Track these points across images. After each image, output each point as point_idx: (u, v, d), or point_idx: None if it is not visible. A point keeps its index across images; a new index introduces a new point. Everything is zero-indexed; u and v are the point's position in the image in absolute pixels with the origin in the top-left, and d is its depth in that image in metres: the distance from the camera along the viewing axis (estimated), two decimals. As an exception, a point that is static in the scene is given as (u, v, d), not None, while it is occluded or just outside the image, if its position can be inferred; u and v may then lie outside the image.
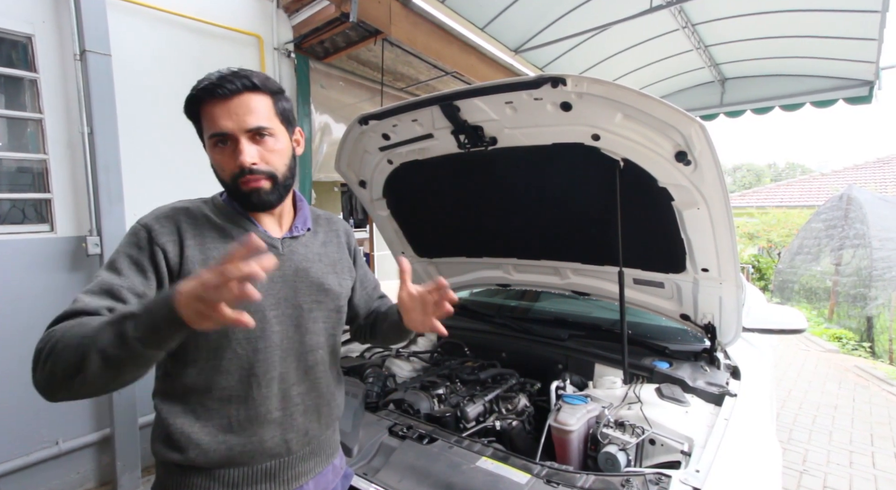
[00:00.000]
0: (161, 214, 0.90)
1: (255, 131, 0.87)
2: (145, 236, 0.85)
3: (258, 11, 3.18)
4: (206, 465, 0.88)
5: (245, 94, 0.86)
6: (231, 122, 0.85)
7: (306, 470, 0.99)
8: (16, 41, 2.26)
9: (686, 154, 1.33)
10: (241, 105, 0.85)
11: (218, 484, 0.89)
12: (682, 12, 4.19)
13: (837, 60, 4.56)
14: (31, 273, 2.29)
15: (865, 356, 6.08)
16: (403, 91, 4.71)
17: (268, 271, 0.62)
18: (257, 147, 0.88)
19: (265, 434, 0.92)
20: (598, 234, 1.75)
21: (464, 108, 1.51)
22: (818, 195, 14.09)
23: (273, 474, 0.93)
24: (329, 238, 1.09)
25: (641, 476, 1.11)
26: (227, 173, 0.89)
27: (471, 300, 2.73)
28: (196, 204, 0.95)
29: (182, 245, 0.87)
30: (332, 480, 1.07)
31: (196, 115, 0.90)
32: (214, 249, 0.89)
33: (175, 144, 2.77)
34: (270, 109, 0.90)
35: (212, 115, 0.86)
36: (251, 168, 0.86)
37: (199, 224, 0.91)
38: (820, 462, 2.96)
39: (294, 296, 0.96)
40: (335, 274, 1.06)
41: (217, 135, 0.86)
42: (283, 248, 0.97)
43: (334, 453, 1.09)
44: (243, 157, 0.85)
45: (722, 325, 1.75)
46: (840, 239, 7.92)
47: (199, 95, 0.87)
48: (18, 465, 2.27)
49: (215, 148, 0.89)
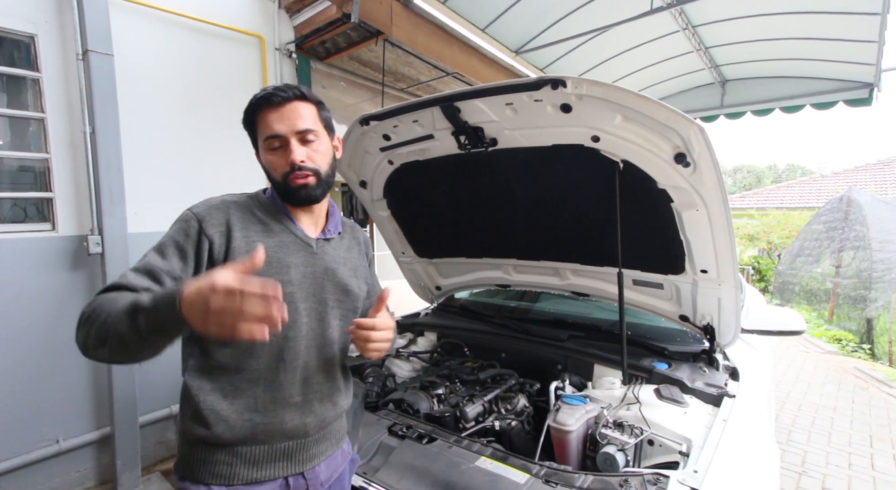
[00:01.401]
0: (213, 206, 0.99)
1: (303, 133, 0.98)
2: (196, 226, 0.94)
3: (260, 12, 3.19)
4: (230, 442, 0.95)
5: (295, 101, 0.98)
6: (283, 125, 0.96)
7: (319, 452, 1.06)
8: (18, 41, 2.27)
9: (685, 156, 1.34)
10: (292, 111, 0.97)
11: (239, 460, 0.96)
12: (683, 14, 4.19)
13: (838, 62, 4.56)
14: (33, 272, 2.30)
15: (865, 358, 6.08)
16: (404, 91, 4.72)
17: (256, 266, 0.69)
18: (305, 148, 0.98)
19: (286, 416, 0.99)
20: (598, 236, 1.75)
21: (464, 109, 1.52)
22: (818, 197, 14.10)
23: (290, 454, 1.00)
24: (352, 244, 1.18)
25: (640, 476, 1.12)
26: (279, 172, 0.99)
27: (471, 301, 2.74)
28: (242, 198, 1.04)
29: (230, 236, 0.95)
30: (342, 463, 1.15)
31: (252, 124, 1.01)
32: (258, 243, 0.97)
33: (177, 143, 2.77)
34: (315, 116, 1.01)
35: (267, 120, 0.97)
36: (300, 165, 0.97)
37: (246, 217, 1.00)
38: (819, 463, 2.96)
39: (321, 292, 1.05)
40: (356, 278, 1.14)
41: (272, 136, 0.97)
42: (316, 248, 1.06)
43: (342, 438, 1.17)
44: (294, 156, 0.96)
45: (721, 327, 1.76)
46: (840, 241, 7.92)
47: (257, 104, 0.98)
48: (18, 464, 2.27)
49: (269, 150, 0.99)
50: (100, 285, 2.46)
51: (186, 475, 0.97)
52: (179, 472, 1.00)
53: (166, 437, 2.85)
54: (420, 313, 2.59)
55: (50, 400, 2.38)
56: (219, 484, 0.95)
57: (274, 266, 0.97)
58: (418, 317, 2.53)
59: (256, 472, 0.96)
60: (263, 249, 0.71)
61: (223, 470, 0.95)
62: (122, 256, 2.45)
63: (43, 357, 2.35)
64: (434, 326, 2.34)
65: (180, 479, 0.99)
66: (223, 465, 0.95)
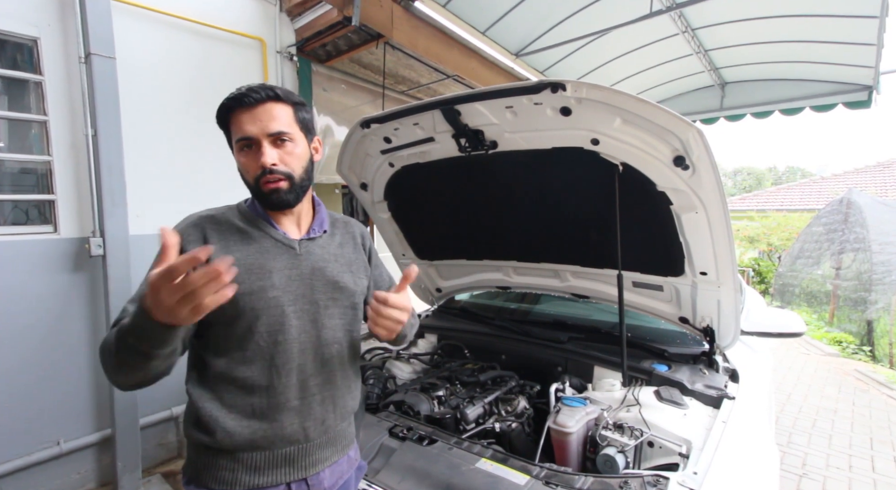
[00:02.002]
0: (191, 223, 0.99)
1: (276, 136, 0.96)
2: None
3: (261, 15, 3.21)
4: (231, 448, 0.96)
5: (268, 102, 0.96)
6: (255, 126, 0.94)
7: (323, 458, 1.05)
8: (21, 44, 2.28)
9: (684, 159, 1.34)
10: (264, 112, 0.95)
11: (241, 466, 0.97)
12: (682, 17, 4.21)
13: (837, 65, 4.57)
14: (34, 274, 2.30)
15: (865, 360, 6.08)
16: (405, 94, 4.73)
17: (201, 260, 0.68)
18: (278, 150, 0.96)
19: (285, 420, 0.98)
20: (598, 238, 1.76)
21: (465, 112, 1.53)
22: (818, 199, 14.09)
23: (292, 459, 1.00)
24: (345, 240, 1.16)
25: (639, 478, 1.12)
26: (250, 175, 0.98)
27: (471, 302, 2.74)
28: (221, 211, 1.05)
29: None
30: (347, 470, 1.13)
31: (226, 124, 0.99)
32: (236, 251, 0.97)
33: (178, 146, 2.79)
34: (291, 117, 0.99)
35: (239, 121, 0.95)
36: (271, 168, 0.95)
37: (223, 229, 1.00)
38: (819, 466, 2.96)
39: (311, 293, 1.03)
40: (350, 273, 1.12)
41: (243, 139, 0.95)
42: (300, 249, 1.04)
43: (349, 445, 1.15)
44: (264, 159, 0.94)
45: (720, 329, 1.76)
46: (840, 243, 7.92)
47: (229, 104, 0.96)
48: (19, 466, 2.27)
49: (241, 152, 0.97)
50: (101, 287, 2.47)
51: (192, 479, 0.99)
52: (186, 475, 1.02)
53: (167, 438, 2.85)
54: (420, 315, 2.60)
55: (50, 402, 2.39)
56: (222, 489, 0.96)
57: (255, 272, 0.96)
58: (419, 319, 2.54)
59: (258, 478, 0.97)
60: (230, 259, 0.70)
61: (226, 476, 0.96)
62: (123, 258, 2.45)
63: (44, 359, 2.36)
64: (434, 328, 2.34)
65: (186, 483, 1.01)
66: (226, 471, 0.96)
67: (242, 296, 0.94)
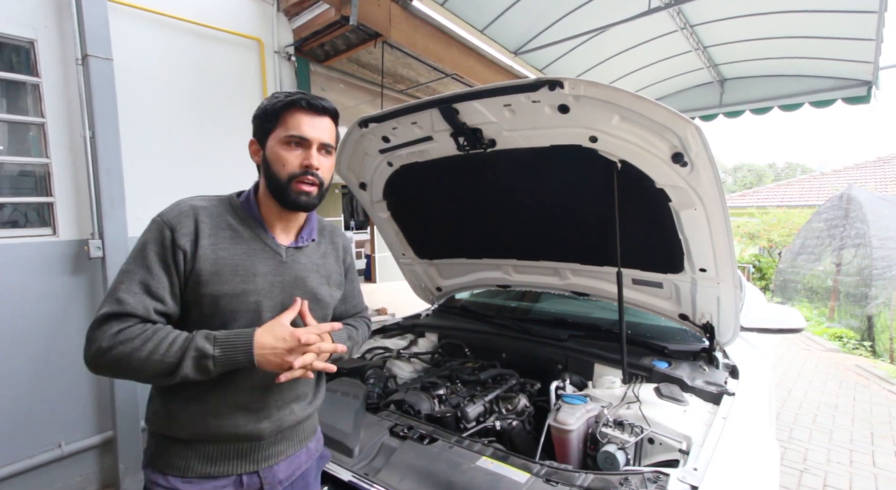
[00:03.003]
0: (182, 212, 0.98)
1: (325, 146, 1.04)
2: (169, 236, 0.95)
3: (259, 15, 3.20)
4: (185, 438, 1.00)
5: (329, 118, 1.05)
6: (315, 132, 1.01)
7: (277, 452, 1.08)
8: (18, 46, 2.28)
9: (682, 155, 1.34)
10: (324, 123, 1.03)
11: (194, 454, 1.00)
12: (681, 13, 4.20)
13: (836, 61, 4.57)
14: (33, 276, 2.30)
15: (866, 355, 6.08)
16: (403, 93, 4.73)
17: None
18: (322, 158, 1.03)
19: (239, 421, 1.01)
20: (597, 235, 1.76)
21: (463, 111, 1.52)
22: (818, 195, 14.08)
23: (244, 454, 1.03)
24: (328, 251, 1.19)
25: (640, 475, 1.12)
26: (287, 170, 1.00)
27: (471, 301, 2.74)
28: (214, 203, 1.04)
29: (196, 244, 0.96)
30: (306, 462, 1.15)
31: (278, 116, 1.01)
32: (224, 250, 0.98)
33: (177, 147, 2.78)
34: (334, 137, 1.08)
35: (299, 121, 1.00)
36: (314, 171, 1.01)
37: (216, 224, 1.00)
38: (820, 461, 2.96)
39: (289, 301, 1.04)
40: (327, 285, 1.15)
41: (298, 136, 0.99)
42: (286, 256, 1.06)
43: (308, 438, 1.17)
44: (312, 160, 1.00)
45: (720, 325, 1.76)
46: (841, 238, 7.92)
47: (296, 102, 1.00)
48: (21, 468, 2.27)
49: (287, 146, 1.00)
50: (101, 290, 2.47)
51: (149, 463, 1.03)
52: (145, 458, 1.06)
53: (168, 439, 2.85)
54: (421, 314, 2.59)
55: (52, 404, 2.39)
56: (175, 475, 0.99)
57: (240, 274, 0.98)
58: (419, 318, 2.54)
59: (210, 468, 1.00)
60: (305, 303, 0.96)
61: (179, 463, 0.99)
62: (122, 260, 2.45)
63: (44, 361, 2.36)
64: (435, 327, 2.34)
65: (143, 466, 1.05)
66: (179, 459, 0.99)
67: (224, 296, 0.96)
